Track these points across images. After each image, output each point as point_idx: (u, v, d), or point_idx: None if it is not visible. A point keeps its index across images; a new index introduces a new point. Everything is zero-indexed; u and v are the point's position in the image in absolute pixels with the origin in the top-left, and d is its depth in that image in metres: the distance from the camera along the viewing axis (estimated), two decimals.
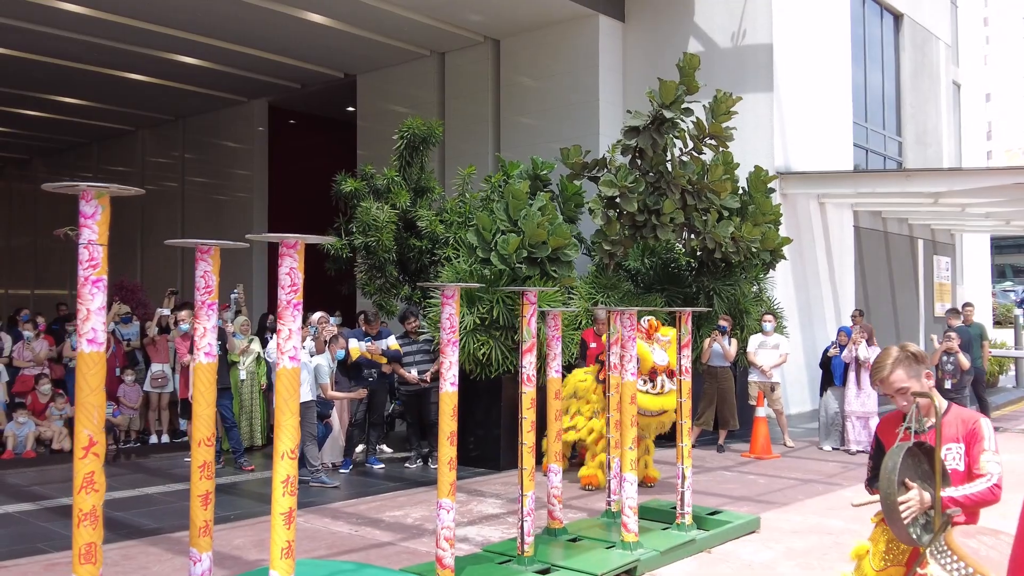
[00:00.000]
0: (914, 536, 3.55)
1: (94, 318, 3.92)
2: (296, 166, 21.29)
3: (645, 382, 8.32)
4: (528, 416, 6.01)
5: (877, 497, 3.80)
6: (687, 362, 6.99)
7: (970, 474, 3.60)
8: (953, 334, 11.85)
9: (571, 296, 10.67)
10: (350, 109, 19.52)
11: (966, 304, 14.60)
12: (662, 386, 8.07)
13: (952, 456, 3.66)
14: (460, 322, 9.78)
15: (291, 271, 4.31)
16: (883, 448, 3.93)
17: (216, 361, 4.82)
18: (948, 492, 3.45)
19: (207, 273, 4.63)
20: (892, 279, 18.44)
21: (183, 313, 10.30)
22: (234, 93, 20.53)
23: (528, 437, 6.00)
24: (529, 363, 6.01)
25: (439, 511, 5.52)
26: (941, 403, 3.70)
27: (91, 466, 3.92)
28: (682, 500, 6.89)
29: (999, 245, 27.13)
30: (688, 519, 6.87)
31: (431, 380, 9.97)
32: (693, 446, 10.59)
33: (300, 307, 4.36)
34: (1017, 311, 18.69)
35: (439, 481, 5.56)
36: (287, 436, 4.29)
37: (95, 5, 14.48)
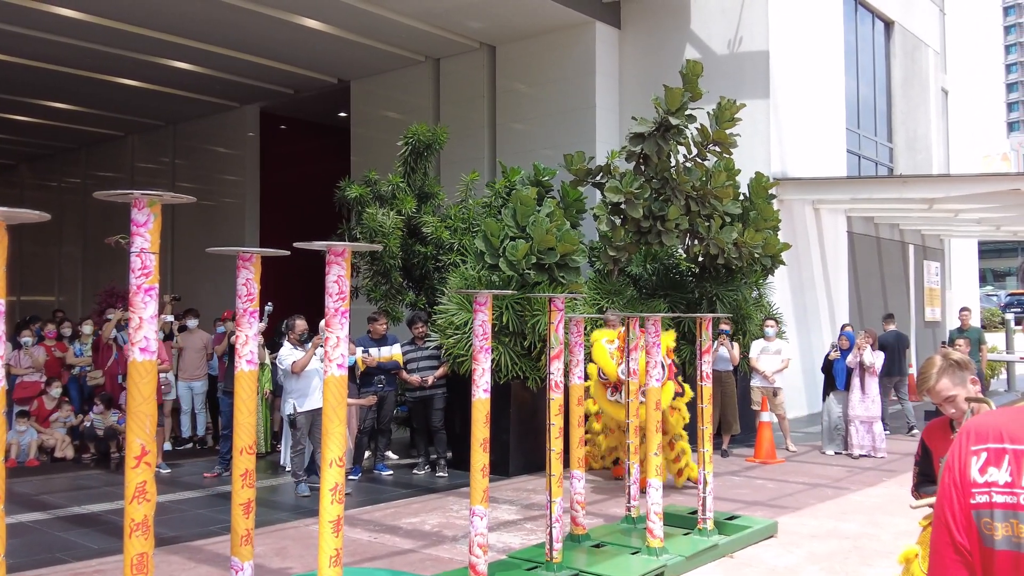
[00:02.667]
0: None
1: (146, 327, 3.89)
2: (288, 172, 21.24)
3: (612, 392, 8.40)
4: (556, 422, 6.03)
5: (932, 500, 3.86)
6: (708, 368, 7.04)
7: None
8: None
9: (575, 302, 10.72)
10: (343, 115, 19.49)
11: (963, 308, 14.80)
12: (623, 395, 7.98)
13: None
14: (467, 327, 9.82)
15: (339, 279, 4.31)
16: (930, 454, 3.96)
17: (257, 369, 4.83)
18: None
19: (249, 281, 4.64)
20: (884, 284, 18.62)
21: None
22: (225, 98, 20.44)
23: (556, 443, 6.02)
24: (557, 369, 6.04)
25: (473, 517, 5.53)
26: (974, 409, 3.76)
27: (143, 475, 3.91)
28: (703, 505, 6.93)
29: (981, 250, 27.42)
30: (710, 524, 6.91)
31: (433, 384, 10.01)
32: (695, 451, 10.72)
33: (347, 315, 4.37)
34: (1008, 315, 18.91)
35: (472, 488, 5.56)
36: (335, 444, 4.30)
37: (85, 9, 14.39)
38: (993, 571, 1.60)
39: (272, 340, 10.90)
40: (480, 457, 5.59)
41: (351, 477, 9.75)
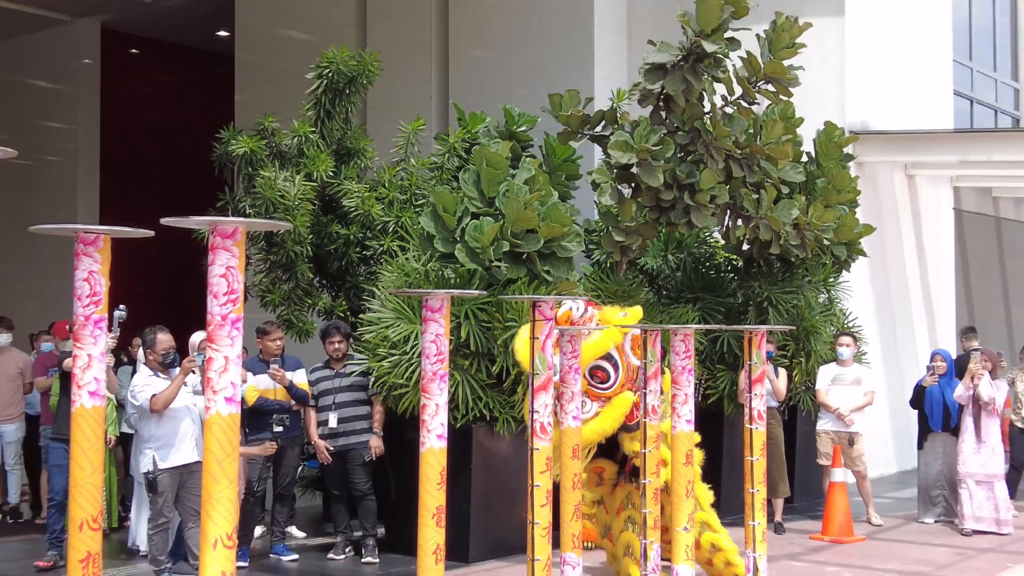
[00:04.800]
0: None
1: None
2: (142, 117, 21.07)
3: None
4: (543, 483, 6.03)
5: None
6: (761, 404, 7.07)
7: None
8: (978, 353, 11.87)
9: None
10: (223, 34, 19.37)
11: None
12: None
13: None
14: (407, 345, 9.78)
15: (228, 271, 4.27)
16: None
17: (105, 405, 4.77)
18: None
19: (94, 274, 4.58)
20: (1006, 282, 18.81)
21: None
22: (49, 8, 20.23)
23: (542, 514, 6.01)
24: (544, 406, 6.04)
25: None
26: None
27: None
28: None
29: None
30: None
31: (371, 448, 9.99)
32: (731, 521, 10.73)
33: (239, 324, 4.33)
34: None
35: (419, 565, 5.54)
36: (222, 514, 4.25)
37: None
38: None
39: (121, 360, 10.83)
40: (432, 534, 5.57)
41: (238, 563, 9.68)
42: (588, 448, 7.51)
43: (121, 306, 10.03)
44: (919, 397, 12.25)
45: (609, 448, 8.03)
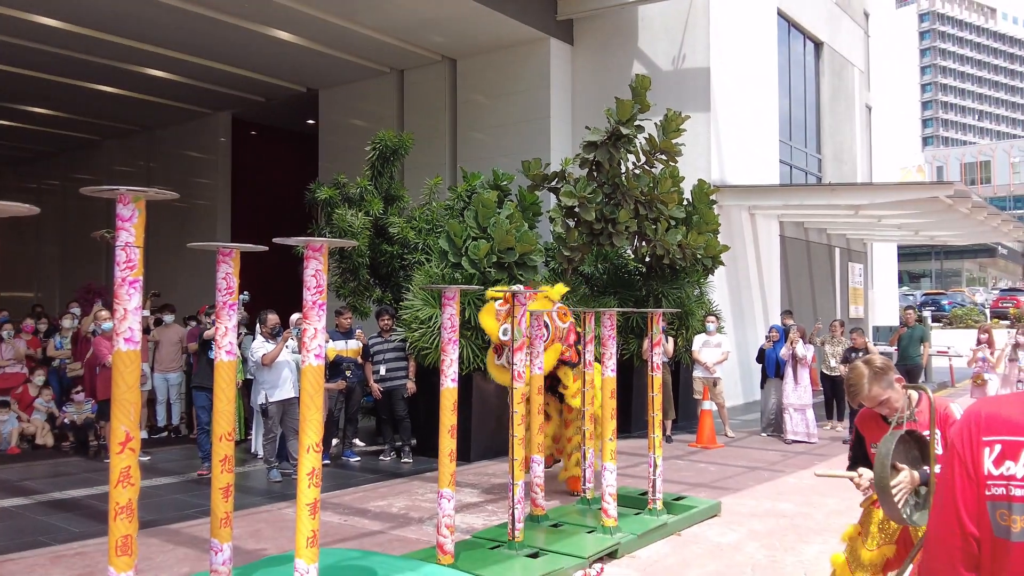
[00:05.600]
0: (904, 515, 3.63)
1: (131, 318, 3.80)
2: (258, 176, 20.95)
3: (499, 356, 7.60)
4: (519, 410, 6.00)
5: (839, 472, 3.92)
6: (658, 359, 7.06)
7: None
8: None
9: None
10: (311, 122, 19.26)
11: (908, 307, 14.92)
12: (508, 360, 6.99)
13: (935, 440, 3.76)
14: (431, 322, 9.74)
15: (316, 273, 4.24)
16: (863, 440, 4.01)
17: (236, 360, 4.72)
18: (938, 469, 3.55)
19: (229, 275, 4.53)
20: (812, 284, 18.90)
21: (104, 313, 10.11)
22: (199, 105, 20.09)
23: (519, 430, 5.98)
24: (520, 360, 6.01)
25: (440, 500, 5.48)
26: (917, 396, 3.83)
27: (128, 461, 3.80)
28: (653, 487, 6.95)
29: (899, 254, 27.99)
30: (659, 504, 6.93)
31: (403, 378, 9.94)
32: (638, 436, 10.78)
33: (324, 307, 4.29)
34: (924, 313, 19.30)
35: (440, 472, 5.51)
36: (312, 430, 4.22)
37: (64, 17, 14.05)
38: (1008, 562, 1.57)
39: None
40: (448, 443, 5.55)
41: (323, 462, 9.61)
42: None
43: (244, 292, 9.91)
44: (760, 355, 12.32)
45: (552, 387, 7.97)
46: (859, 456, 4.05)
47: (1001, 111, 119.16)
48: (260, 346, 8.95)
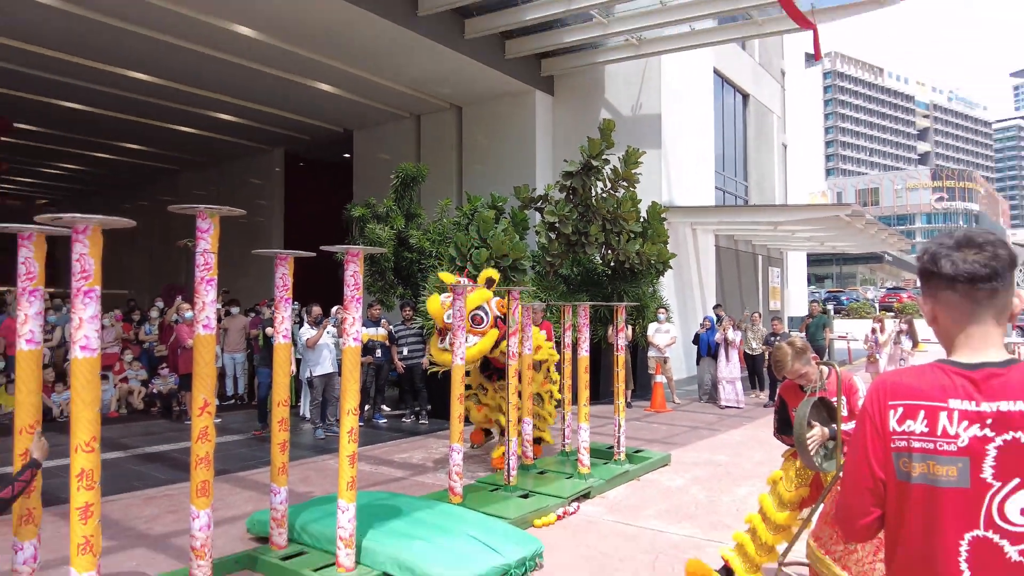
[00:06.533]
0: (816, 463, 3.64)
1: (208, 309, 3.77)
2: (305, 198, 20.82)
3: (441, 340, 6.73)
4: (513, 382, 5.99)
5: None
6: (623, 342, 7.05)
7: (852, 416, 3.72)
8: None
9: (525, 293, 10.66)
10: (347, 156, 19.14)
11: (813, 301, 14.91)
12: (450, 343, 6.23)
13: (841, 405, 3.77)
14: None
15: (355, 274, 4.21)
16: (786, 405, 4.02)
17: (291, 343, 4.69)
18: (844, 427, 3.56)
19: (284, 275, 4.51)
20: (740, 283, 18.92)
21: (184, 304, 10.12)
22: (258, 143, 19.95)
23: (513, 397, 5.97)
24: (514, 342, 5.99)
25: (451, 452, 5.46)
26: (827, 371, 3.84)
27: (206, 422, 3.78)
28: (618, 442, 6.95)
29: (808, 260, 28.07)
30: (623, 456, 6.93)
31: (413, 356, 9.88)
32: (605, 403, 10.77)
33: (361, 301, 4.27)
34: (828, 306, 19.37)
35: (451, 430, 5.49)
36: (352, 397, 4.19)
37: (151, 72, 13.93)
38: (909, 498, 1.58)
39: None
40: (457, 407, 5.53)
41: (359, 424, 9.57)
42: (474, 361, 6.67)
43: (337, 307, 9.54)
44: (696, 339, 12.33)
45: (483, 366, 7.23)
46: (783, 417, 4.05)
47: (887, 148, 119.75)
48: (306, 331, 8.92)
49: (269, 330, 8.80)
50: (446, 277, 6.89)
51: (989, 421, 1.51)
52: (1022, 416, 1.49)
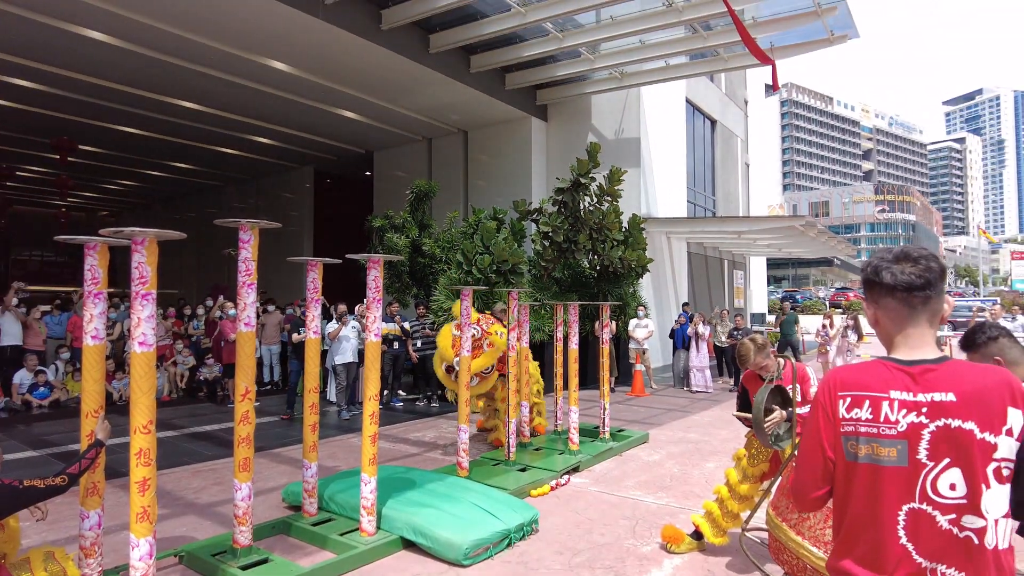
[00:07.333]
0: (771, 442, 3.65)
1: (249, 309, 3.76)
2: (332, 211, 20.79)
3: (448, 371, 6.33)
4: (513, 371, 5.98)
5: (747, 415, 3.92)
6: (606, 335, 7.05)
7: (805, 401, 3.73)
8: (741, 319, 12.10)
9: (523, 294, 10.64)
10: (368, 174, 19.10)
11: (784, 300, 14.81)
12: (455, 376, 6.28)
13: (795, 392, 3.78)
14: (447, 310, 9.67)
15: (376, 279, 4.21)
16: (747, 390, 4.02)
17: (319, 338, 4.69)
18: (798, 411, 3.57)
19: (315, 279, 4.51)
20: (709, 284, 18.89)
21: (228, 303, 10.12)
22: (291, 162, 19.91)
23: (513, 384, 5.97)
24: (513, 337, 5.99)
25: (459, 432, 5.46)
26: (783, 363, 3.85)
27: (247, 407, 3.78)
28: (603, 423, 6.95)
29: (768, 263, 28.06)
30: (607, 435, 6.93)
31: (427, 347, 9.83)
32: (592, 389, 10.77)
33: (380, 302, 4.27)
34: (785, 304, 19.36)
35: (459, 413, 5.49)
36: (373, 385, 4.20)
37: (197, 101, 13.91)
38: (855, 476, 1.59)
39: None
40: (464, 393, 5.53)
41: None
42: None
43: (360, 305, 9.38)
44: (672, 333, 12.31)
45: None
46: (744, 403, 4.06)
47: (836, 167, 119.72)
48: (330, 326, 8.93)
49: (295, 336, 8.82)
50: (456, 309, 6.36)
51: (924, 409, 1.53)
52: (952, 405, 1.51)
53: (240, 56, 11.07)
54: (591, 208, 11.24)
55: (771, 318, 25.50)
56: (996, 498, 1.49)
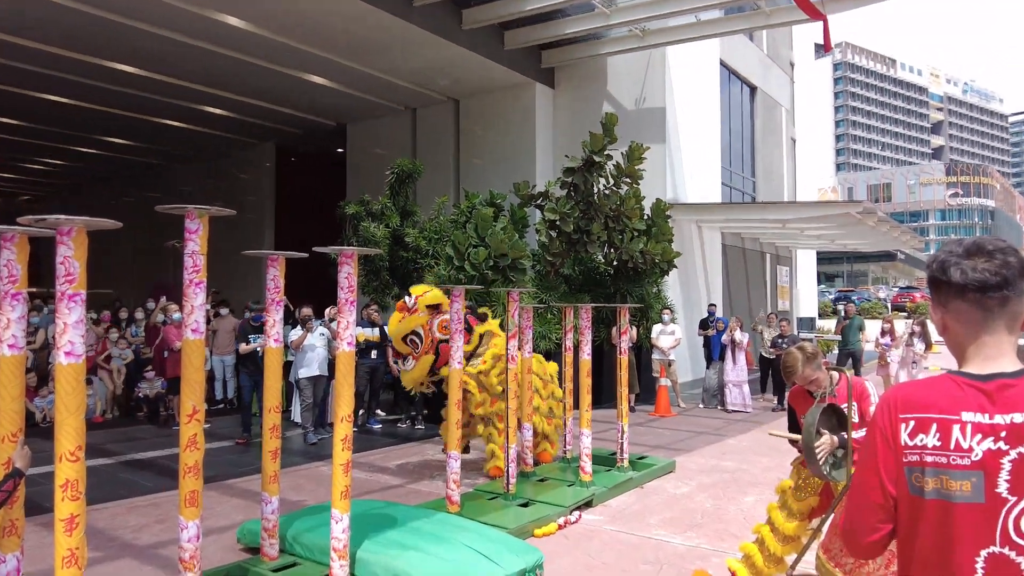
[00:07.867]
0: (825, 472, 3.65)
1: (197, 312, 3.77)
2: (297, 195, 20.83)
3: (396, 361, 6.97)
4: (512, 386, 5.99)
5: (795, 436, 3.91)
6: (625, 344, 7.06)
7: (863, 422, 3.72)
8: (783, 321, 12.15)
9: (525, 294, 10.65)
10: (340, 151, 19.12)
11: (849, 303, 14.48)
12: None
13: (851, 411, 3.78)
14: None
15: (348, 276, 4.21)
16: (794, 412, 4.02)
17: (282, 347, 4.69)
18: (854, 435, 3.57)
19: (276, 277, 4.51)
20: (748, 282, 18.93)
21: (172, 305, 10.16)
22: (248, 137, 19.96)
23: (513, 402, 5.97)
24: (513, 346, 6.00)
25: (449, 460, 5.47)
26: (837, 376, 3.84)
27: (194, 429, 3.78)
28: (621, 448, 6.96)
29: (818, 258, 28.10)
30: (626, 463, 6.94)
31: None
32: (608, 408, 10.77)
33: (355, 304, 4.27)
34: (838, 307, 19.39)
35: (449, 437, 5.50)
36: (346, 403, 4.20)
37: (138, 64, 13.92)
38: (922, 514, 1.57)
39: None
40: (455, 413, 5.53)
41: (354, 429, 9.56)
42: (415, 383, 6.80)
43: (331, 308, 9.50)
44: (707, 341, 12.34)
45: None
46: (792, 426, 4.06)
47: (899, 143, 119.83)
48: (293, 334, 8.95)
49: (243, 347, 8.84)
50: (416, 290, 6.86)
51: (1003, 434, 1.51)
52: None
53: (188, 11, 11.09)
54: (607, 192, 11.25)
55: (822, 323, 25.56)
56: None
